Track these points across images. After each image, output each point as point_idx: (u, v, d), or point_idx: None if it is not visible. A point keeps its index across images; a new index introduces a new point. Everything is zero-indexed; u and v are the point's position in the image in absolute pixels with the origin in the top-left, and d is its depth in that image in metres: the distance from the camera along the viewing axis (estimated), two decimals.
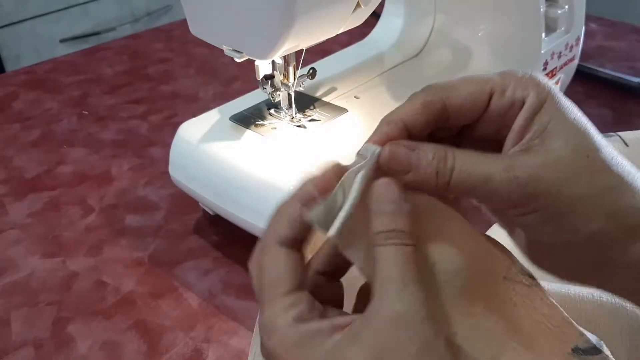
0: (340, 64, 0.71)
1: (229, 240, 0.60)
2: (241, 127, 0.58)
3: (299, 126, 0.58)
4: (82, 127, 0.81)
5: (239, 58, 0.52)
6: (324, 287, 0.29)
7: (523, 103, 0.27)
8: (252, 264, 0.28)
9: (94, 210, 0.65)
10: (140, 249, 0.59)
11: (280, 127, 0.58)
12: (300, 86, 0.59)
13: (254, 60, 0.55)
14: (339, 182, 0.27)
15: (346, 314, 0.27)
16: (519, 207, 0.26)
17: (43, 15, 1.55)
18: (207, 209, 0.61)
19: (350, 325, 0.25)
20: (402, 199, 0.26)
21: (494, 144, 0.28)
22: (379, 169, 0.27)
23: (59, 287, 0.55)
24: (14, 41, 1.52)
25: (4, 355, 0.49)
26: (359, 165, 0.27)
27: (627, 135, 0.60)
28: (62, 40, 1.60)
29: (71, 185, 0.69)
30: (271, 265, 0.27)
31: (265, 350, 0.26)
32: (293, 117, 0.59)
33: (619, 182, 0.26)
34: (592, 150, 0.27)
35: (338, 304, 0.30)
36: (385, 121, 0.28)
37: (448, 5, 0.72)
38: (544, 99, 0.27)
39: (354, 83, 0.66)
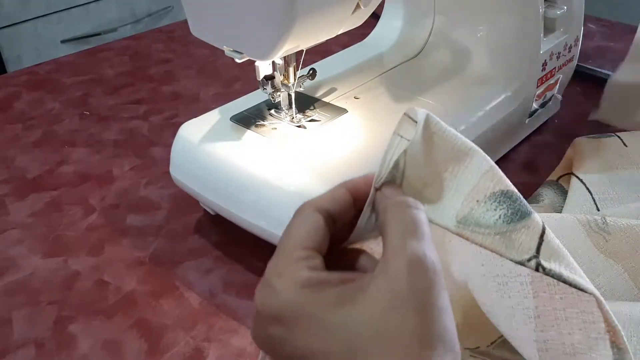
0: (340, 64, 0.71)
1: (230, 239, 0.60)
2: (242, 127, 0.58)
3: (299, 126, 0.58)
4: (83, 127, 0.81)
5: (240, 59, 0.53)
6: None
7: None
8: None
9: (95, 210, 0.65)
10: (141, 249, 0.60)
11: (280, 127, 0.58)
12: (301, 87, 0.59)
13: (254, 61, 0.56)
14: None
15: (353, 273, 0.28)
16: None
17: (44, 16, 1.56)
18: (207, 209, 0.62)
19: (364, 276, 0.26)
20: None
21: None
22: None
23: (60, 287, 0.56)
24: (16, 42, 1.53)
25: (6, 355, 0.49)
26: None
27: (626, 135, 0.60)
28: (64, 41, 1.61)
29: (73, 185, 0.70)
30: (300, 223, 0.29)
31: (266, 299, 0.27)
32: (293, 118, 0.59)
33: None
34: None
35: None
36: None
37: (447, 6, 0.72)
38: None
39: (353, 84, 0.67)
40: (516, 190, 0.30)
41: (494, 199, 0.29)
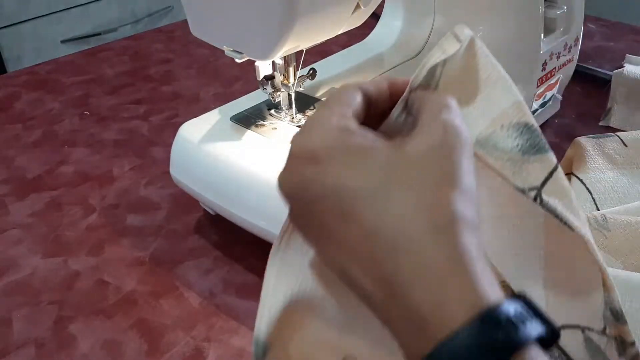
0: (340, 64, 0.71)
1: (230, 239, 0.60)
2: (242, 127, 0.58)
3: (299, 126, 0.58)
4: (83, 127, 0.81)
5: (240, 59, 0.53)
6: None
7: None
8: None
9: (95, 210, 0.65)
10: (141, 249, 0.60)
11: (280, 127, 0.58)
12: (301, 87, 0.59)
13: (254, 61, 0.56)
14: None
15: None
16: None
17: (44, 15, 1.56)
18: (207, 209, 0.62)
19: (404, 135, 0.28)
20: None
21: None
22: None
23: (60, 287, 0.56)
24: (16, 42, 1.53)
25: (6, 355, 0.49)
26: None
27: (626, 135, 0.60)
28: (64, 41, 1.61)
29: (73, 185, 0.70)
30: (342, 92, 0.30)
31: (303, 140, 0.28)
32: (293, 118, 0.59)
33: None
34: None
35: None
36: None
37: (447, 6, 0.72)
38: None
39: None
40: (539, 129, 0.31)
41: (517, 129, 0.30)
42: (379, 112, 0.32)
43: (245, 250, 0.59)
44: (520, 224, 0.32)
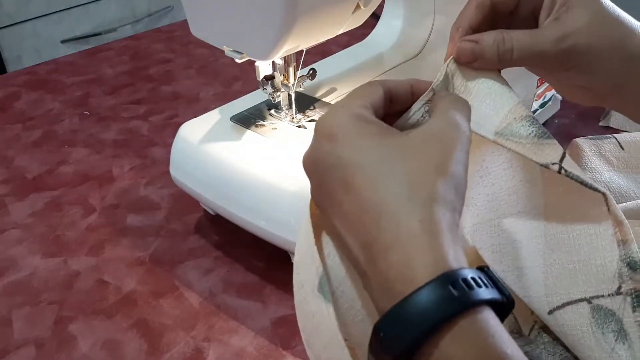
0: (340, 64, 0.71)
1: (230, 239, 0.60)
2: (242, 127, 0.58)
3: (299, 126, 0.58)
4: (83, 127, 0.81)
5: (240, 59, 0.53)
6: None
7: None
8: None
9: (95, 210, 0.65)
10: (141, 249, 0.60)
11: (280, 127, 0.58)
12: (301, 87, 0.59)
13: (254, 61, 0.56)
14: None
15: None
16: (562, 66, 0.35)
17: (44, 15, 1.56)
18: (207, 209, 0.62)
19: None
20: None
21: (531, 20, 0.37)
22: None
23: (60, 287, 0.56)
24: (16, 42, 1.53)
25: (6, 355, 0.49)
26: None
27: (623, 137, 0.60)
28: (64, 41, 1.61)
29: (72, 185, 0.70)
30: (366, 86, 0.34)
31: (325, 121, 0.32)
32: (293, 118, 0.59)
33: (627, 32, 0.35)
34: (605, 11, 0.35)
35: None
36: (454, 28, 0.36)
37: (447, 6, 0.72)
38: None
39: (353, 84, 0.67)
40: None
41: (528, 120, 0.34)
42: (400, 110, 0.35)
43: (245, 250, 0.59)
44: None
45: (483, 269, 0.28)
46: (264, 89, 0.58)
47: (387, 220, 0.28)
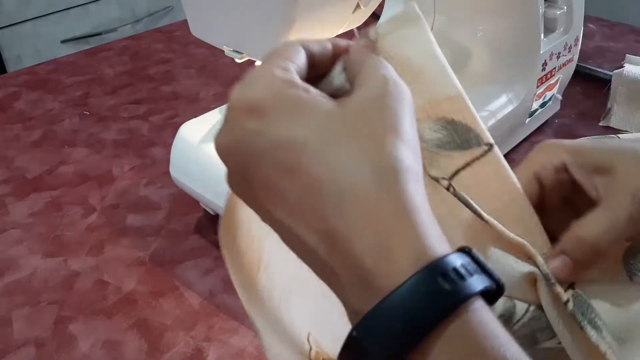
0: None
1: None
2: None
3: None
4: (83, 127, 0.81)
5: (240, 59, 0.53)
6: None
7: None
8: None
9: (95, 210, 0.65)
10: (141, 249, 0.60)
11: None
12: None
13: (254, 61, 0.56)
14: None
15: None
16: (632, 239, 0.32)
17: (44, 15, 1.56)
18: (207, 209, 0.62)
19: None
20: None
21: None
22: None
23: (60, 287, 0.56)
24: (16, 42, 1.53)
25: (6, 355, 0.49)
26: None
27: (623, 137, 0.60)
28: (64, 41, 1.61)
29: (72, 185, 0.70)
30: (285, 45, 0.29)
31: (243, 92, 0.27)
32: None
33: None
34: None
35: None
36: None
37: (447, 6, 0.72)
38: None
39: None
40: (474, 127, 0.32)
41: (441, 124, 0.31)
42: (322, 73, 0.30)
43: None
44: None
45: (464, 250, 0.24)
46: None
47: (350, 202, 0.23)
